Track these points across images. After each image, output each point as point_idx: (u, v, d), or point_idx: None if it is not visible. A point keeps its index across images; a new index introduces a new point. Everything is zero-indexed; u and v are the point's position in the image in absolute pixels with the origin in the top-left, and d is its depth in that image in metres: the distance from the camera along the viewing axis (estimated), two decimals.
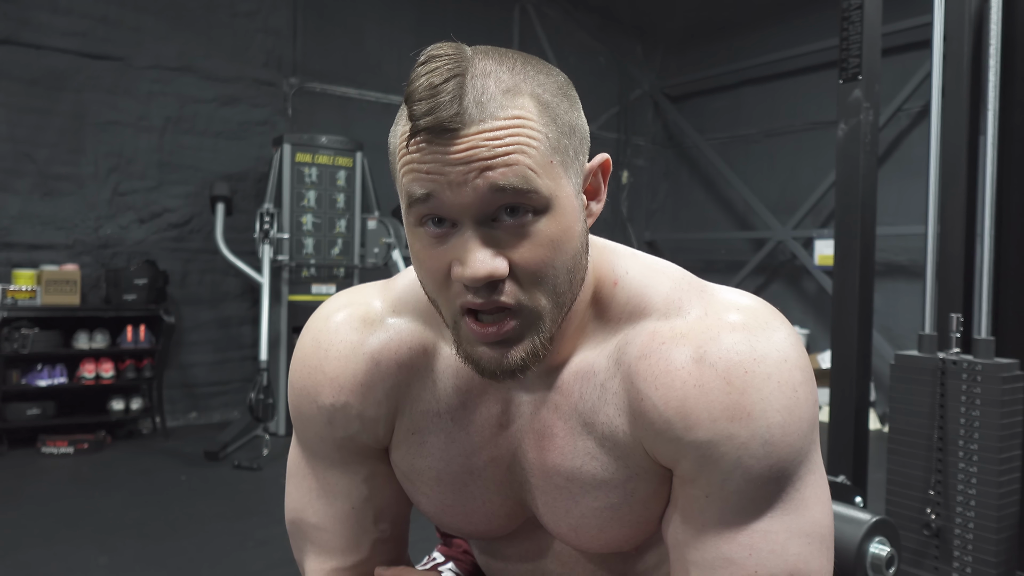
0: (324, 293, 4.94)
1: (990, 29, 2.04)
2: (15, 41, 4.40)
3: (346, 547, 0.81)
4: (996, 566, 1.82)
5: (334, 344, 0.77)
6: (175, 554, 2.80)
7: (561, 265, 0.64)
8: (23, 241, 4.48)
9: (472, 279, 0.61)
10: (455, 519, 0.80)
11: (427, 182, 0.60)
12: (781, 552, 0.66)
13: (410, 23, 5.98)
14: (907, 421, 2.01)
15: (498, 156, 0.59)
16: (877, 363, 5.18)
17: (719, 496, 0.67)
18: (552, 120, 0.62)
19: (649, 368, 0.68)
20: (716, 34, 6.95)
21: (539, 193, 0.60)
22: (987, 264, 2.01)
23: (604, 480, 0.71)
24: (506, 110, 0.60)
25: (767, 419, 0.65)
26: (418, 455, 0.77)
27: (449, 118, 0.58)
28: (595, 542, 0.75)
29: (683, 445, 0.66)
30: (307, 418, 0.79)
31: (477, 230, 0.61)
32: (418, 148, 0.60)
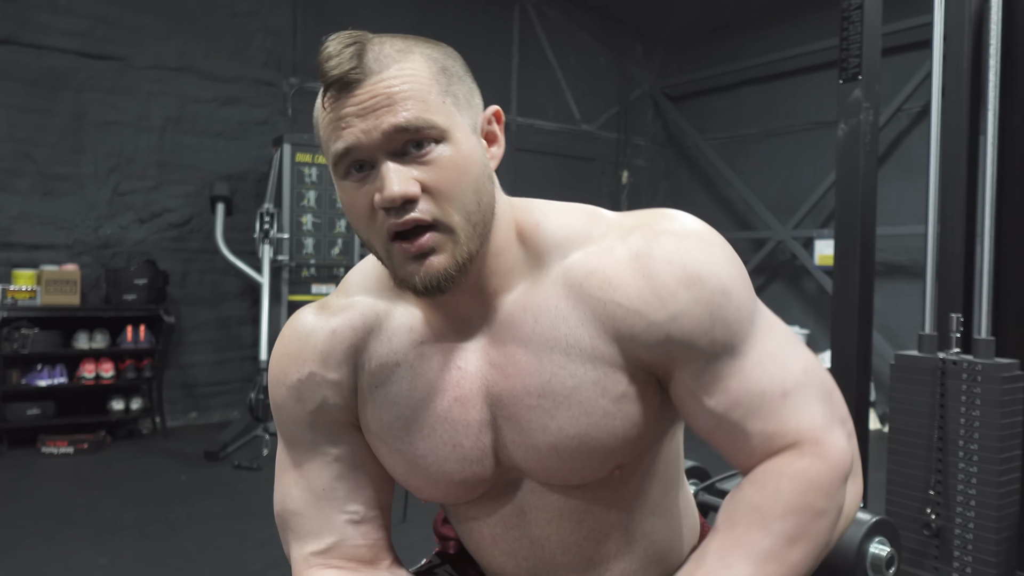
0: (324, 293, 4.94)
1: (990, 29, 2.04)
2: (15, 41, 4.40)
3: (320, 529, 0.85)
4: (996, 566, 1.82)
5: (295, 330, 0.86)
6: (175, 554, 2.80)
7: (467, 186, 0.73)
8: (23, 241, 4.48)
9: (390, 199, 0.71)
10: (429, 472, 0.82)
11: (344, 134, 0.72)
12: (787, 361, 0.78)
13: (410, 23, 5.98)
14: (907, 421, 2.01)
15: (396, 98, 0.71)
16: (877, 363, 5.18)
17: (715, 355, 0.76)
18: (441, 71, 0.74)
19: (598, 280, 0.77)
20: (716, 34, 6.95)
21: (436, 126, 0.72)
22: (987, 264, 2.00)
23: (575, 386, 0.77)
24: (400, 63, 0.72)
25: (715, 273, 0.76)
26: (384, 407, 0.82)
27: (351, 70, 0.71)
28: (576, 459, 0.78)
29: (661, 325, 0.75)
30: (280, 405, 0.86)
31: (390, 164, 0.71)
32: (332, 104, 0.73)
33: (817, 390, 0.79)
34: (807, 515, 0.74)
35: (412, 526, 0.80)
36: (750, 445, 0.77)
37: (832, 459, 0.76)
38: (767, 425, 0.76)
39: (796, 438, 0.76)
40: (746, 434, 0.77)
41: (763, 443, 0.77)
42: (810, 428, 0.77)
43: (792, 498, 0.74)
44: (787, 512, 0.74)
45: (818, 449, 0.76)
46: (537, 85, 6.68)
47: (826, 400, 0.79)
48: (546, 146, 6.75)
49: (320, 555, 0.85)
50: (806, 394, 0.78)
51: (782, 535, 0.74)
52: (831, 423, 0.78)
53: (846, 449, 0.78)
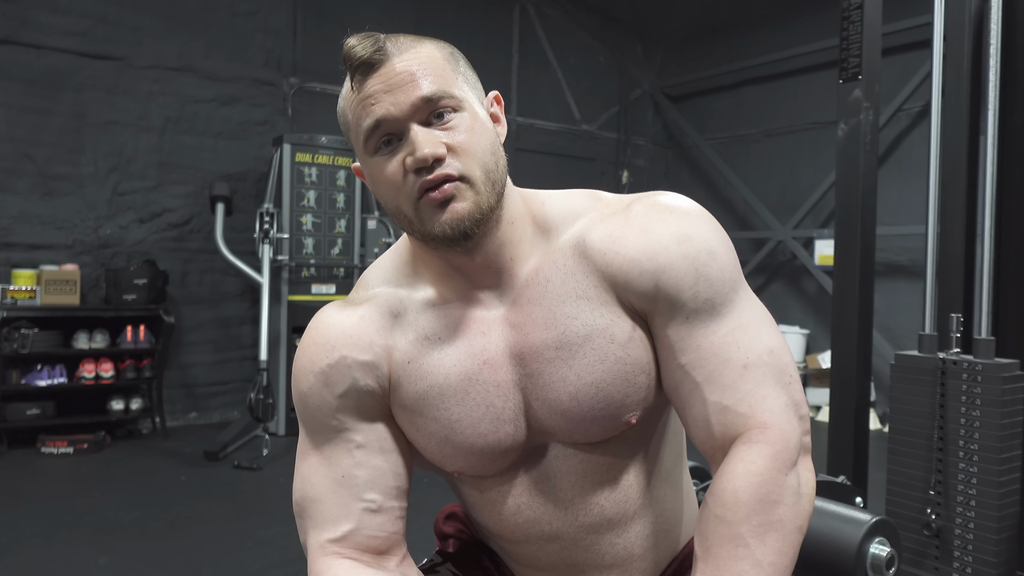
0: (324, 293, 4.94)
1: (990, 29, 2.04)
2: (15, 41, 4.40)
3: (337, 516, 0.86)
4: (996, 566, 1.82)
5: (322, 323, 0.91)
6: (175, 554, 2.80)
7: (484, 146, 0.83)
8: (23, 241, 4.47)
9: (422, 158, 0.79)
10: (465, 437, 0.86)
11: (374, 109, 0.80)
12: (756, 336, 0.84)
13: (410, 23, 5.98)
14: (907, 421, 2.01)
15: (417, 74, 0.80)
16: (877, 363, 5.18)
17: (695, 311, 0.83)
18: (450, 57, 0.85)
19: (600, 234, 0.86)
20: (716, 34, 6.95)
21: (455, 97, 0.82)
22: (987, 264, 2.00)
23: (587, 334, 0.84)
24: (415, 48, 0.82)
25: (702, 235, 0.85)
26: (418, 379, 0.87)
27: (375, 52, 0.80)
28: (595, 407, 0.85)
29: (652, 274, 0.84)
30: (305, 392, 0.88)
31: (418, 128, 0.80)
32: (359, 85, 0.81)
33: (776, 372, 0.84)
34: (765, 507, 0.78)
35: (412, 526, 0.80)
36: (705, 415, 0.83)
37: (778, 444, 0.81)
38: (723, 396, 0.82)
39: (747, 419, 0.82)
40: (703, 400, 0.83)
41: (718, 416, 0.83)
42: (761, 410, 0.82)
43: (748, 497, 0.78)
44: (749, 513, 0.78)
45: (765, 435, 0.81)
46: (537, 85, 6.68)
47: (783, 383, 0.84)
48: (546, 146, 6.75)
49: (336, 543, 0.86)
50: (765, 373, 0.83)
51: (752, 535, 0.77)
52: (783, 406, 0.83)
53: (794, 432, 0.82)
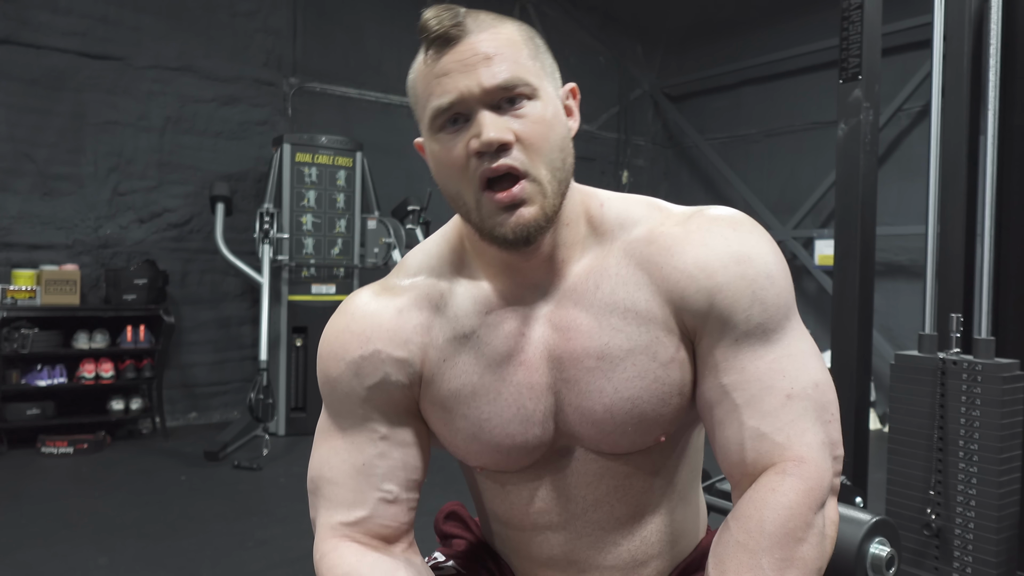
0: (324, 293, 4.94)
1: (990, 29, 2.03)
2: (15, 41, 4.40)
3: (352, 501, 0.87)
4: (996, 566, 1.82)
5: (359, 307, 0.89)
6: (175, 554, 2.80)
7: (554, 142, 0.80)
8: (23, 241, 4.47)
9: (487, 142, 0.76)
10: (492, 436, 0.86)
11: (446, 88, 0.77)
12: (804, 368, 0.82)
13: (410, 23, 5.95)
14: (907, 421, 2.01)
15: (494, 57, 0.77)
16: (877, 363, 5.18)
17: (747, 334, 0.81)
18: (531, 41, 0.82)
19: (659, 247, 0.84)
20: (716, 34, 6.95)
21: (529, 84, 0.78)
22: (987, 264, 2.00)
23: (630, 348, 0.83)
24: (495, 28, 0.79)
25: (763, 258, 0.82)
26: (453, 378, 0.86)
27: (453, 26, 0.77)
28: (627, 423, 0.83)
29: (709, 292, 0.81)
30: (334, 378, 0.88)
31: (486, 113, 0.77)
32: (433, 60, 0.79)
33: (819, 408, 0.81)
34: (791, 543, 0.75)
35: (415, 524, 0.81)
36: (740, 438, 0.81)
37: (811, 481, 0.78)
38: (761, 423, 0.80)
39: (783, 450, 0.80)
40: (740, 424, 0.81)
41: (753, 442, 0.80)
42: (799, 444, 0.80)
43: (774, 529, 0.76)
44: (772, 545, 0.75)
45: (800, 469, 0.79)
46: None
47: (823, 420, 0.82)
48: None
49: (347, 527, 0.87)
50: (807, 407, 0.81)
51: (772, 569, 0.74)
52: (821, 444, 0.81)
53: (827, 472, 0.80)
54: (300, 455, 4.34)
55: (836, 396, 0.84)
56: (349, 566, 0.84)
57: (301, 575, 2.65)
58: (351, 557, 0.85)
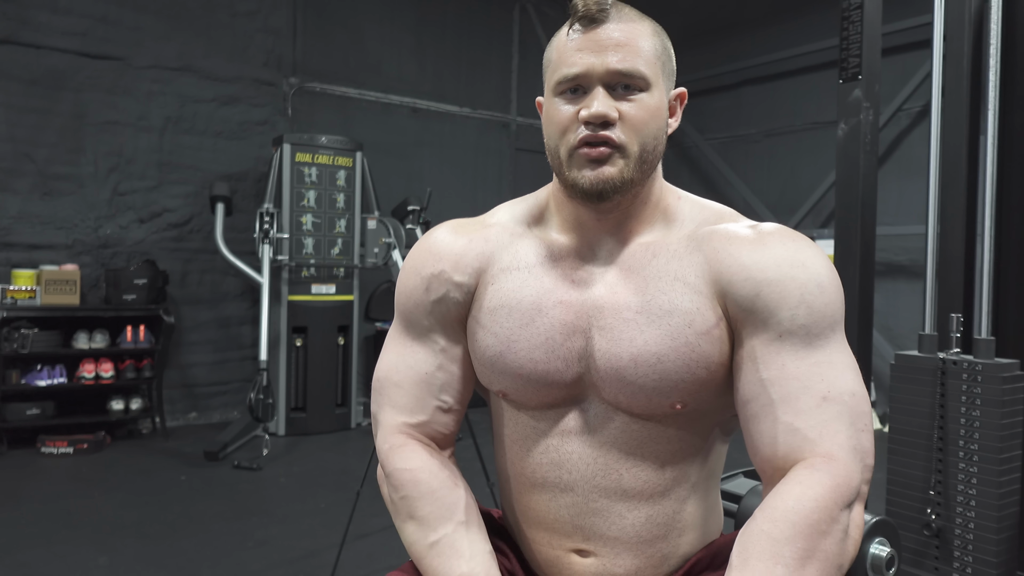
0: (324, 293, 4.94)
1: (990, 29, 2.03)
2: (15, 41, 4.40)
3: (414, 406, 0.99)
4: (996, 566, 1.82)
5: (439, 235, 1.01)
6: (175, 554, 2.80)
7: (652, 128, 0.90)
8: (23, 241, 4.47)
9: (595, 115, 0.86)
10: (517, 358, 0.93)
11: (577, 61, 0.88)
12: (842, 377, 0.85)
13: (410, 23, 5.97)
14: (907, 421, 2.01)
15: (625, 47, 0.88)
16: (877, 363, 5.18)
17: (790, 332, 0.85)
18: (660, 43, 0.92)
19: (721, 236, 0.91)
20: (716, 34, 6.95)
21: (646, 78, 0.89)
22: (987, 264, 2.00)
23: (669, 310, 0.89)
24: (635, 23, 0.90)
25: (817, 268, 0.87)
26: (495, 297, 0.96)
27: (599, 11, 0.88)
28: (648, 378, 0.88)
29: (756, 283, 0.86)
30: (410, 289, 1.01)
31: (602, 90, 0.88)
32: (574, 33, 0.89)
33: (853, 415, 0.84)
34: (814, 535, 0.77)
35: None
36: (774, 432, 0.84)
37: (839, 478, 0.80)
38: (795, 419, 0.84)
39: (814, 446, 0.83)
40: (775, 419, 0.84)
41: (786, 436, 0.84)
42: (831, 443, 0.83)
43: (798, 519, 0.78)
44: (795, 535, 0.77)
45: (829, 465, 0.81)
46: (537, 85, 6.66)
47: (857, 427, 0.84)
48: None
49: (410, 427, 1.00)
50: (842, 411, 0.84)
51: (793, 558, 0.76)
52: (852, 447, 0.83)
53: (856, 474, 0.82)
54: (300, 455, 4.34)
55: (871, 410, 0.87)
56: (421, 459, 0.96)
57: (301, 575, 2.65)
58: (420, 453, 0.97)
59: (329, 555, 2.61)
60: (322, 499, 3.47)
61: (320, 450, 4.43)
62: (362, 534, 2.69)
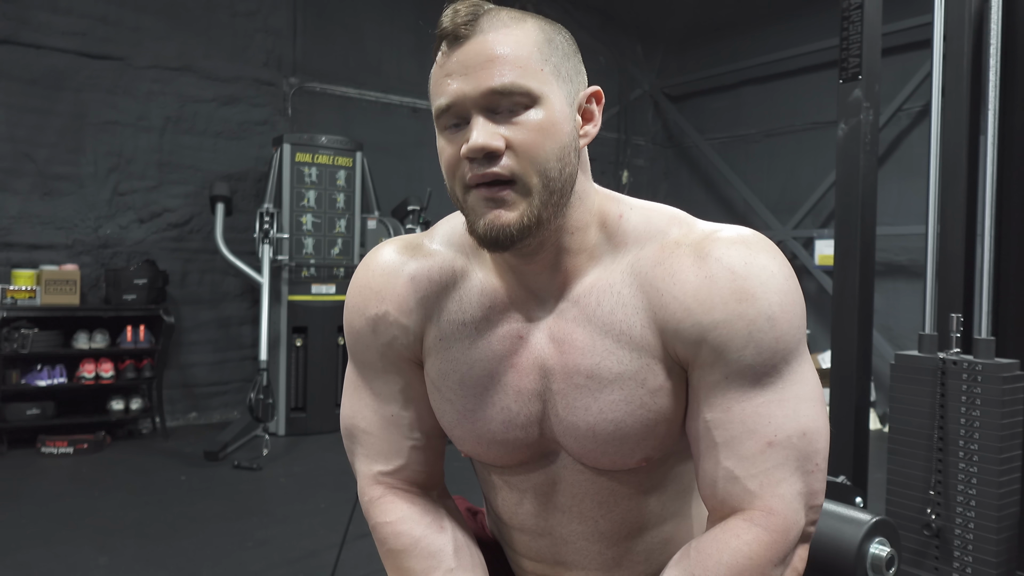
0: (324, 293, 4.94)
1: (990, 29, 2.03)
2: (15, 41, 4.40)
3: (388, 451, 0.94)
4: (996, 566, 1.82)
5: (380, 265, 0.92)
6: (175, 554, 2.80)
7: (550, 150, 0.77)
8: (23, 241, 4.47)
9: (473, 148, 0.76)
10: (475, 427, 0.88)
11: (447, 90, 0.77)
12: (793, 415, 0.80)
13: (410, 23, 5.97)
14: (907, 421, 2.01)
15: (497, 61, 0.76)
16: (877, 363, 5.18)
17: (736, 373, 0.79)
18: (547, 42, 0.79)
19: (664, 271, 0.82)
20: (716, 34, 6.95)
21: (529, 92, 0.76)
22: (987, 264, 2.00)
23: (620, 373, 0.82)
24: (508, 28, 0.77)
25: (768, 299, 0.79)
26: (445, 360, 0.89)
27: (464, 24, 0.77)
28: (610, 444, 0.84)
29: (703, 328, 0.79)
30: (357, 330, 0.93)
31: (481, 118, 0.76)
32: (441, 58, 0.79)
33: (801, 457, 0.80)
34: None
35: None
36: (714, 477, 0.81)
37: (776, 534, 0.79)
38: (736, 466, 0.80)
39: (753, 498, 0.80)
40: (716, 462, 0.81)
41: (726, 483, 0.80)
42: (771, 494, 0.79)
43: (728, 573, 0.77)
44: None
45: (768, 520, 0.79)
46: None
47: (804, 471, 0.81)
48: None
49: (387, 475, 0.94)
50: (788, 456, 0.80)
51: None
52: (795, 495, 0.80)
53: (796, 525, 0.80)
54: (300, 455, 4.34)
55: (827, 443, 0.82)
56: (401, 510, 0.92)
57: (301, 575, 2.65)
58: (399, 504, 0.93)
59: (329, 555, 2.61)
60: (322, 499, 3.47)
61: (320, 450, 4.43)
62: (362, 534, 2.69)
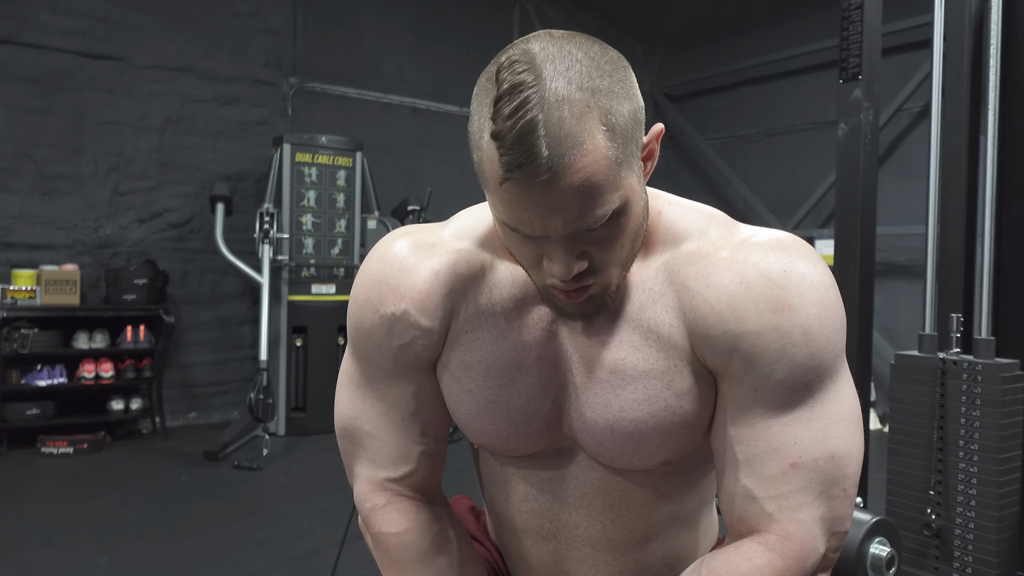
0: (324, 293, 4.94)
1: (990, 29, 2.03)
2: (15, 41, 4.39)
3: (397, 456, 0.89)
4: (996, 566, 1.82)
5: (398, 259, 0.84)
6: (175, 554, 2.80)
7: (626, 242, 0.75)
8: (23, 241, 4.47)
9: (561, 279, 0.73)
10: (496, 418, 0.84)
11: (519, 220, 0.69)
12: (823, 437, 0.75)
13: (410, 23, 5.97)
14: (907, 421, 2.01)
15: (578, 198, 0.66)
16: (877, 363, 5.18)
17: (766, 387, 0.75)
18: (616, 135, 0.67)
19: (699, 271, 0.77)
20: (716, 34, 6.95)
21: (611, 212, 0.70)
22: (987, 264, 2.00)
23: (645, 371, 0.79)
24: (580, 146, 0.65)
25: (806, 311, 0.74)
26: (470, 350, 0.84)
27: (533, 174, 0.65)
28: (627, 444, 0.80)
29: (734, 337, 0.75)
30: (367, 329, 0.85)
31: (560, 244, 0.71)
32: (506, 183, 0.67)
33: (826, 482, 0.76)
34: None
35: None
36: (733, 493, 0.78)
37: (791, 561, 0.75)
38: (756, 486, 0.76)
39: (771, 521, 0.76)
40: (736, 479, 0.77)
41: (743, 502, 0.77)
42: (789, 519, 0.76)
43: None
44: None
45: (783, 546, 0.75)
46: None
47: (829, 495, 0.77)
48: None
49: (394, 482, 0.90)
50: (812, 479, 0.75)
51: None
52: (815, 520, 0.76)
53: (814, 552, 0.77)
54: (300, 455, 4.34)
55: (858, 468, 0.78)
56: (408, 520, 0.89)
57: (301, 575, 2.65)
58: (407, 513, 0.89)
59: (329, 555, 2.61)
60: (322, 499, 3.47)
61: (320, 450, 4.43)
62: (362, 534, 2.70)
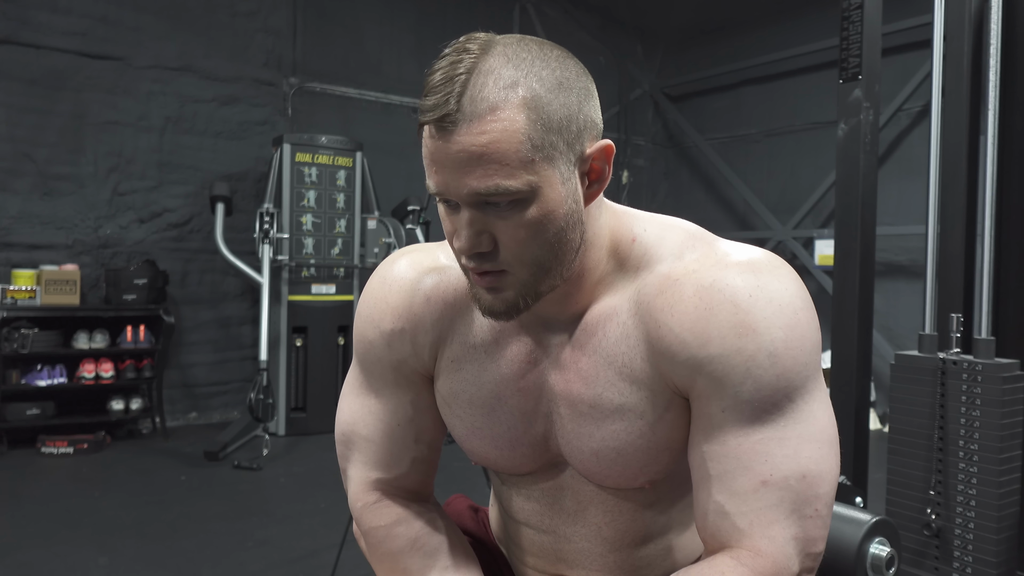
0: (324, 293, 4.94)
1: (990, 29, 2.04)
2: (15, 41, 4.39)
3: (390, 460, 0.95)
4: (996, 566, 1.82)
5: (397, 280, 0.92)
6: (175, 554, 2.80)
7: (542, 243, 0.75)
8: (23, 241, 4.47)
9: (460, 250, 0.76)
10: (483, 443, 0.90)
11: (434, 178, 0.73)
12: (794, 456, 0.75)
13: (410, 23, 5.97)
14: (907, 421, 2.01)
15: (482, 160, 0.70)
16: (877, 363, 5.18)
17: (734, 408, 0.76)
18: (539, 119, 0.71)
19: (664, 301, 0.78)
20: (716, 34, 6.95)
21: (518, 191, 0.71)
22: (987, 264, 2.00)
23: (621, 405, 0.82)
24: (497, 112, 0.69)
25: (771, 335, 0.74)
26: (455, 380, 0.90)
27: (446, 116, 0.70)
28: (613, 468, 0.84)
29: (699, 362, 0.76)
30: (370, 342, 0.93)
31: (470, 211, 0.74)
32: (427, 140, 0.73)
33: (798, 500, 0.76)
34: None
35: None
36: (706, 509, 0.78)
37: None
38: (728, 502, 0.76)
39: (742, 536, 0.76)
40: (709, 494, 0.77)
41: (715, 518, 0.77)
42: (760, 535, 0.75)
43: None
44: None
45: (755, 562, 0.75)
46: None
47: (801, 514, 0.76)
48: None
49: (385, 483, 0.95)
50: (784, 498, 0.75)
51: None
52: (787, 539, 0.75)
53: (786, 570, 0.75)
54: (300, 455, 4.34)
55: (832, 488, 0.78)
56: (396, 513, 0.94)
57: (301, 575, 2.65)
58: (394, 507, 0.95)
59: (329, 555, 2.61)
60: (322, 499, 3.47)
61: (320, 450, 4.43)
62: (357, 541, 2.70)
